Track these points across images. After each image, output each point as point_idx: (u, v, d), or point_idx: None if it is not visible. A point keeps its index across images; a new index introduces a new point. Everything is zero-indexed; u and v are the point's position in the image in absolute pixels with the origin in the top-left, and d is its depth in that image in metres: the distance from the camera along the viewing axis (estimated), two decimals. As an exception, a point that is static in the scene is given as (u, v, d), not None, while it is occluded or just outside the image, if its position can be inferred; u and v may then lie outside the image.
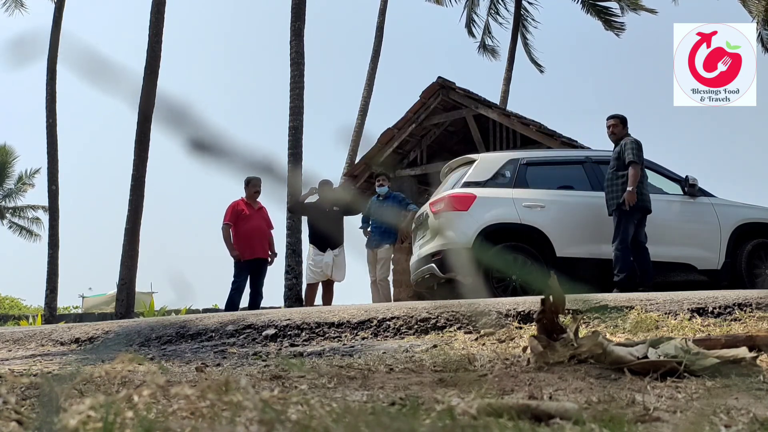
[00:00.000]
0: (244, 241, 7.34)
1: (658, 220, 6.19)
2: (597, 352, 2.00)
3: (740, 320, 3.15)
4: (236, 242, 7.33)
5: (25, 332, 4.68)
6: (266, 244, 7.57)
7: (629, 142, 6.03)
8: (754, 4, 16.53)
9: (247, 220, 7.41)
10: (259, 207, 7.59)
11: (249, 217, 7.44)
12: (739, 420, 1.31)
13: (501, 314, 3.48)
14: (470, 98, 10.92)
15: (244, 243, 7.34)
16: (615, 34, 19.12)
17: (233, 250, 7.30)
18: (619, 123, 6.26)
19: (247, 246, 7.35)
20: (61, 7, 16.20)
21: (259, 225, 7.52)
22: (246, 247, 7.34)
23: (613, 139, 6.26)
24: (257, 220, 7.52)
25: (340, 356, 2.92)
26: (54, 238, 15.36)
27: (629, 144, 6.02)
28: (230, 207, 7.46)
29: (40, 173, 28.36)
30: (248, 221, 7.41)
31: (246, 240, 7.35)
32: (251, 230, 7.42)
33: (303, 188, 8.51)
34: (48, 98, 15.74)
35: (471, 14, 20.73)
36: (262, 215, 7.60)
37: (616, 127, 6.24)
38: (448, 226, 6.16)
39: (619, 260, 5.85)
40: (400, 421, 1.20)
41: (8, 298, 25.97)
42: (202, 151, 1.04)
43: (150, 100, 11.79)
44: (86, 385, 1.90)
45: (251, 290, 7.51)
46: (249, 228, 7.40)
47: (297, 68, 10.75)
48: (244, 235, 7.36)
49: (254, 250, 7.41)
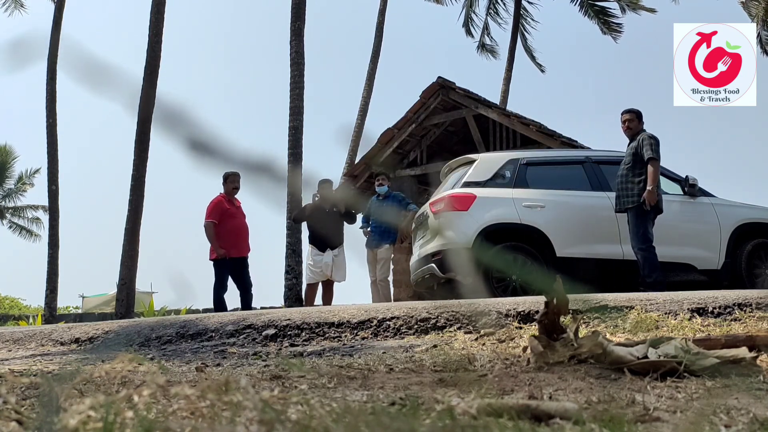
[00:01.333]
0: (231, 239, 7.25)
1: (658, 219, 6.18)
2: (597, 352, 2.00)
3: (740, 320, 3.15)
4: (221, 240, 7.19)
5: (25, 332, 4.68)
6: (248, 240, 7.51)
7: (647, 138, 5.84)
8: (754, 6, 16.54)
9: (231, 217, 7.31)
10: (237, 203, 7.51)
11: (233, 214, 7.35)
12: (739, 420, 1.31)
13: (501, 314, 3.48)
14: (470, 98, 10.92)
15: (231, 240, 7.24)
16: (612, 38, 19.06)
17: (219, 248, 7.16)
18: (635, 117, 6.05)
19: (234, 244, 7.27)
20: (61, 7, 16.20)
21: (242, 222, 7.45)
22: (232, 244, 7.25)
23: (628, 134, 6.06)
24: (240, 217, 7.44)
25: (340, 356, 2.92)
26: (54, 238, 15.36)
27: (647, 139, 5.83)
28: (213, 204, 7.30)
29: (40, 173, 28.40)
30: (232, 218, 7.31)
31: (232, 237, 7.27)
32: (237, 228, 7.34)
33: (303, 188, 8.49)
34: (48, 98, 15.74)
35: (469, 14, 20.73)
36: (241, 211, 7.51)
37: (632, 122, 6.03)
38: (448, 226, 6.16)
39: (647, 261, 5.70)
40: (400, 421, 1.20)
41: (8, 298, 25.98)
42: (201, 151, 1.04)
43: (150, 100, 11.79)
44: (86, 385, 1.90)
45: (241, 288, 7.40)
46: (234, 225, 7.31)
47: (297, 68, 10.75)
48: (230, 233, 7.25)
49: (240, 247, 7.35)
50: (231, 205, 7.38)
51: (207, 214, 7.28)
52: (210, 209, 7.29)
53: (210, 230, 7.20)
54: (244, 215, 7.55)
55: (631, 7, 18.49)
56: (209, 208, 7.30)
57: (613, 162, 6.72)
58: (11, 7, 19.33)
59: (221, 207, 7.28)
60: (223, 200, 7.34)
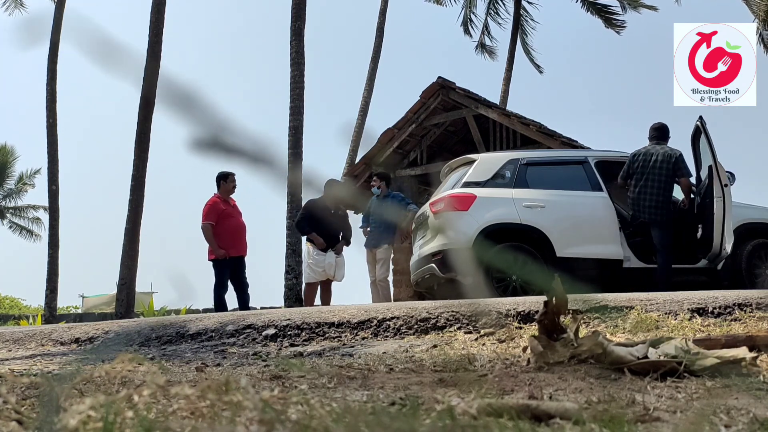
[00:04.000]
0: (230, 239, 7.25)
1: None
2: (597, 352, 2.00)
3: (740, 320, 3.15)
4: (220, 240, 7.19)
5: (25, 332, 4.68)
6: (245, 239, 7.51)
7: (680, 155, 6.23)
8: (756, 4, 16.54)
9: (228, 217, 7.31)
10: (232, 203, 7.49)
11: (229, 214, 7.34)
12: (739, 420, 1.31)
13: (501, 314, 3.48)
14: (470, 98, 10.92)
15: (230, 240, 7.24)
16: (615, 32, 19.14)
17: (219, 249, 7.15)
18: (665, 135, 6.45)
19: (233, 243, 7.27)
20: (62, 7, 16.19)
21: (240, 221, 7.45)
22: (232, 244, 7.25)
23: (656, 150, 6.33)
24: (237, 216, 7.43)
25: (340, 356, 2.93)
26: (54, 238, 15.36)
27: (680, 156, 6.22)
28: (209, 206, 7.29)
29: (40, 173, 28.40)
30: (230, 218, 7.31)
31: (231, 237, 7.27)
32: (235, 227, 7.34)
33: (303, 188, 8.43)
34: (48, 98, 15.74)
35: (468, 14, 20.71)
36: (237, 210, 7.51)
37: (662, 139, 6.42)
38: (449, 226, 6.16)
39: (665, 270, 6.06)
40: (400, 421, 1.20)
41: (8, 298, 25.99)
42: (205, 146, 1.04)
43: (150, 101, 11.80)
44: (86, 384, 1.90)
45: (238, 288, 7.40)
46: (232, 225, 7.31)
47: (297, 68, 10.75)
48: (228, 233, 7.25)
49: (239, 247, 7.35)
50: (227, 205, 7.37)
51: (204, 216, 7.27)
52: (206, 211, 7.27)
53: (208, 232, 7.19)
54: (240, 213, 7.56)
55: (631, 6, 18.51)
56: (205, 210, 7.29)
57: (613, 162, 6.72)
58: (11, 6, 19.35)
59: (217, 208, 7.27)
60: (219, 201, 7.33)
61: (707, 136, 6.09)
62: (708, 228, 6.00)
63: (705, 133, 6.11)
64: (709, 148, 6.03)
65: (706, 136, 6.10)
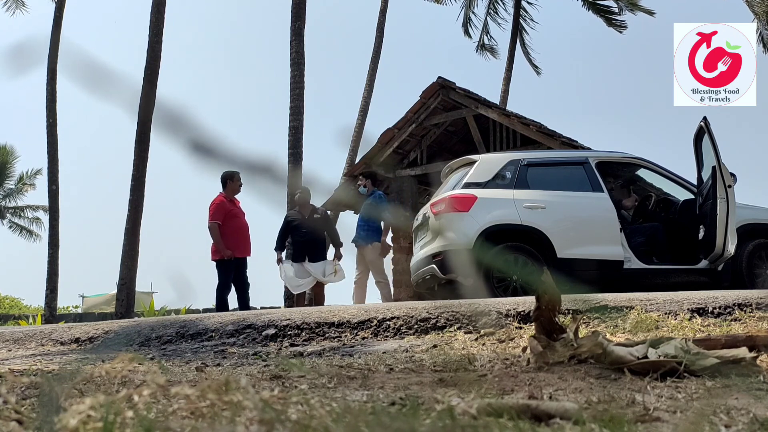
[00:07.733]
0: (236, 239, 7.25)
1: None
2: (597, 352, 2.00)
3: (740, 320, 3.15)
4: (226, 240, 7.18)
5: (25, 332, 4.68)
6: (250, 240, 7.50)
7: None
8: (757, 4, 16.54)
9: (234, 217, 7.30)
10: (237, 203, 7.48)
11: (235, 214, 7.34)
12: (739, 420, 1.31)
13: (501, 314, 3.48)
14: (470, 98, 10.91)
15: (236, 241, 7.24)
16: (618, 31, 19.16)
17: (225, 249, 7.15)
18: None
19: (238, 244, 7.27)
20: (62, 6, 16.20)
21: (244, 222, 7.45)
22: (236, 245, 7.25)
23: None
24: (241, 216, 7.43)
25: (340, 356, 2.93)
26: (54, 238, 15.37)
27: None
28: (215, 205, 7.27)
29: (40, 173, 28.39)
30: (235, 218, 7.31)
31: (237, 238, 7.27)
32: (240, 228, 7.34)
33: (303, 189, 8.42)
34: (48, 98, 15.75)
35: (468, 14, 20.72)
36: (242, 211, 7.50)
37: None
38: (449, 227, 6.16)
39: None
40: (400, 421, 1.20)
41: (8, 298, 25.99)
42: (203, 153, 1.04)
43: (150, 101, 11.79)
44: (86, 384, 1.90)
45: (239, 288, 7.39)
46: (237, 225, 7.31)
47: (297, 68, 10.76)
48: (234, 233, 7.25)
49: (244, 247, 7.36)
50: (232, 205, 7.36)
51: (210, 215, 7.24)
52: (213, 210, 7.24)
53: (215, 231, 7.17)
54: (244, 214, 7.55)
55: (629, 8, 18.53)
56: (212, 209, 7.26)
57: (613, 162, 6.72)
58: (13, 7, 19.36)
59: (224, 207, 7.25)
60: (225, 200, 7.31)
61: (711, 136, 6.07)
62: (710, 229, 5.98)
63: (709, 133, 6.09)
64: (713, 148, 6.01)
65: (710, 136, 6.08)
